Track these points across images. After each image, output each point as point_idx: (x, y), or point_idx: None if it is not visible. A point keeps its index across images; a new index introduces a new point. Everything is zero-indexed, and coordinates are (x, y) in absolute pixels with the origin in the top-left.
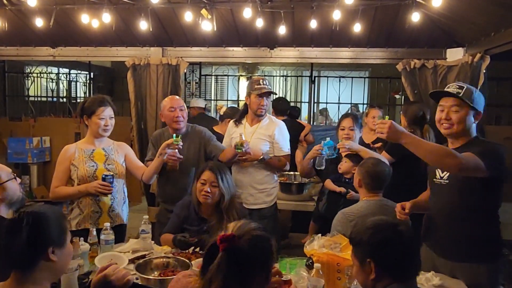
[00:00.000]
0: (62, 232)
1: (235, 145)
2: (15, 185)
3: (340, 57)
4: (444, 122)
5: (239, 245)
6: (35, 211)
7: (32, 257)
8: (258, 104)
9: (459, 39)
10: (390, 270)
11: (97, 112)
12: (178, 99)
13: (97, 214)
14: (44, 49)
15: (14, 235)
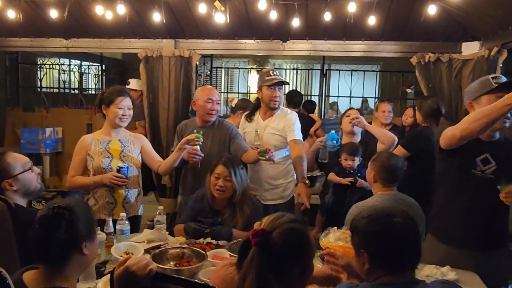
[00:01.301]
0: (92, 226)
1: (259, 152)
2: (31, 176)
3: (353, 50)
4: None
5: (271, 239)
6: (68, 205)
7: (67, 253)
8: (270, 96)
9: (475, 33)
10: (382, 262)
11: (116, 101)
12: (215, 91)
13: (112, 205)
14: (57, 41)
15: (53, 231)
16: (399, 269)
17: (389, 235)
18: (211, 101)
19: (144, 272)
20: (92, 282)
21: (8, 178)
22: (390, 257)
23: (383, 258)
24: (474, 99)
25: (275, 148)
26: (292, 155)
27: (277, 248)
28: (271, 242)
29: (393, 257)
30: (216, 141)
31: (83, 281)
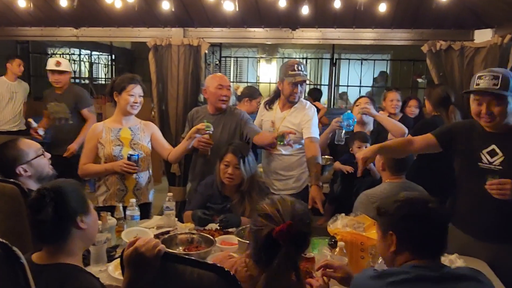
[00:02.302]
0: (84, 200)
1: (277, 137)
2: (44, 161)
3: (363, 38)
4: (484, 117)
5: (298, 230)
6: (54, 186)
7: (64, 229)
8: (291, 91)
9: (488, 20)
10: (411, 246)
11: (128, 88)
12: (226, 78)
13: (123, 192)
14: (67, 30)
15: (40, 212)
16: (426, 255)
17: (421, 220)
18: (221, 87)
19: (153, 252)
20: (103, 265)
21: (22, 163)
22: (419, 241)
23: (412, 242)
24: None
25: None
26: (307, 154)
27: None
28: (298, 231)
29: (422, 241)
30: (227, 128)
31: (95, 264)
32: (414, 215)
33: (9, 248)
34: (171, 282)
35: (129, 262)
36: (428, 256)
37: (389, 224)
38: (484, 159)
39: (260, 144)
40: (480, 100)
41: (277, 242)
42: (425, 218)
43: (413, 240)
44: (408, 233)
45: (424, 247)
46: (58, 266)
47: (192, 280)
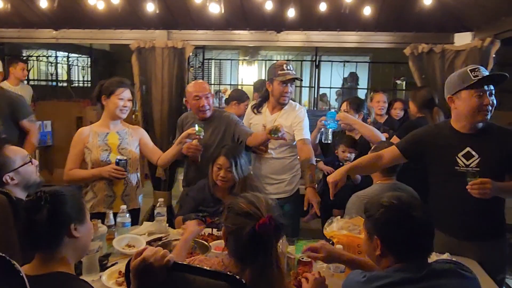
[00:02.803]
0: (80, 209)
1: (270, 130)
2: (31, 169)
3: (346, 41)
4: (485, 109)
5: (277, 221)
6: (52, 190)
7: (56, 235)
8: (281, 91)
9: (468, 23)
10: (394, 251)
11: (117, 92)
12: (203, 85)
13: (111, 198)
14: (46, 32)
15: (35, 214)
16: (410, 258)
17: (405, 226)
18: (198, 98)
19: (162, 263)
20: (96, 275)
21: (9, 171)
22: (402, 247)
23: (396, 247)
24: (454, 93)
25: (280, 144)
26: (301, 156)
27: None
28: (278, 222)
29: (406, 247)
30: (216, 133)
31: (87, 274)
32: (397, 222)
33: (7, 261)
34: None
35: (136, 272)
36: (412, 260)
37: (374, 229)
38: (460, 162)
39: (254, 144)
40: (482, 92)
41: (260, 237)
42: (408, 224)
43: (396, 246)
44: (391, 239)
45: (408, 252)
46: (51, 275)
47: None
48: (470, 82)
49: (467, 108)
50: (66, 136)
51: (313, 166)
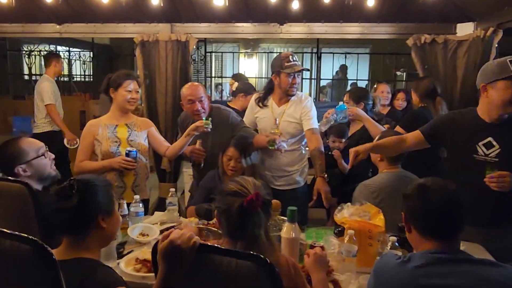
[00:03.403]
0: (110, 200)
1: (268, 141)
2: (45, 162)
3: (348, 32)
4: None
5: (264, 198)
6: (85, 179)
7: (83, 224)
8: (289, 83)
9: (470, 14)
10: (415, 224)
11: (124, 84)
12: (197, 89)
13: (121, 189)
14: (49, 26)
15: (65, 201)
16: (434, 236)
17: (419, 199)
18: (191, 102)
19: (189, 244)
20: (113, 262)
21: (21, 163)
22: (421, 220)
23: (415, 220)
24: (489, 82)
25: (291, 135)
26: (310, 147)
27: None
28: (266, 199)
29: (424, 221)
30: (217, 134)
31: (105, 261)
32: (411, 195)
33: (39, 244)
34: (208, 273)
35: (164, 255)
36: (438, 237)
37: (403, 207)
38: (480, 151)
39: (256, 147)
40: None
41: (249, 212)
42: (421, 197)
43: (415, 219)
44: (410, 212)
45: (429, 228)
46: (79, 260)
47: (230, 270)
48: (510, 74)
49: (501, 98)
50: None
51: (322, 155)
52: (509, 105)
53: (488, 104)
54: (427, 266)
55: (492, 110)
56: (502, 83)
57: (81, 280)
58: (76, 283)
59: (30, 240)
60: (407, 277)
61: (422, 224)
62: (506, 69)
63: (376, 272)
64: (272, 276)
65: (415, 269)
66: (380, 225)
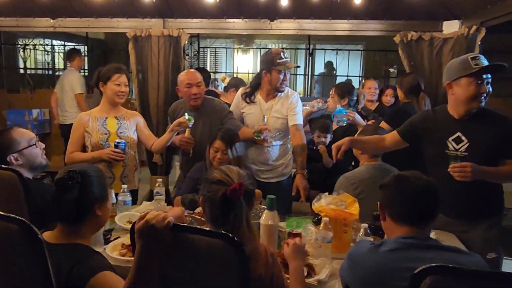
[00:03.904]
0: (104, 188)
1: (254, 132)
2: (36, 151)
3: (338, 29)
4: (481, 96)
5: (247, 187)
6: (81, 169)
7: (81, 213)
8: (280, 80)
9: (456, 11)
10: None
11: (113, 78)
12: (195, 74)
13: (110, 180)
14: (43, 20)
15: (66, 192)
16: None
17: (396, 188)
18: (190, 85)
19: (163, 224)
20: (100, 247)
21: (13, 152)
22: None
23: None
24: (453, 79)
25: (279, 131)
26: (293, 142)
27: (252, 191)
28: (249, 189)
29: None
30: (207, 123)
31: (92, 246)
32: (388, 185)
33: (27, 225)
34: (182, 250)
35: (141, 233)
36: (411, 223)
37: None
38: (451, 146)
39: (242, 138)
40: (480, 81)
41: (231, 201)
42: (398, 186)
43: (391, 206)
44: (387, 202)
45: (403, 214)
46: (74, 245)
47: (200, 247)
48: (471, 71)
49: (465, 95)
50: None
51: (304, 152)
52: (473, 101)
53: (455, 101)
54: (398, 251)
55: (459, 106)
56: (465, 80)
57: (73, 264)
58: (68, 266)
59: (17, 220)
60: (379, 260)
61: (397, 211)
62: (468, 66)
63: (350, 257)
64: (239, 252)
65: (387, 253)
66: (355, 214)
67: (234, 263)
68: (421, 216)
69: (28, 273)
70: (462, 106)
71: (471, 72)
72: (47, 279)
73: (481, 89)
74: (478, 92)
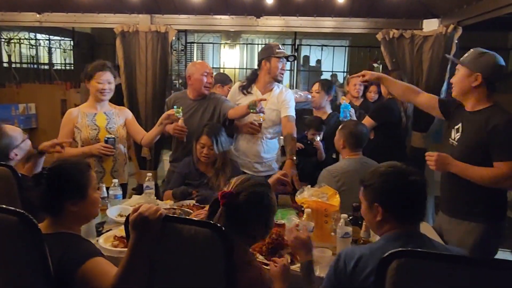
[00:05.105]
0: (77, 186)
1: (249, 105)
2: (28, 143)
3: (323, 26)
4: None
5: (237, 202)
6: (54, 168)
7: (54, 206)
8: (279, 68)
9: (435, 10)
10: (394, 215)
11: (95, 76)
12: (208, 65)
13: (101, 174)
14: (29, 15)
15: (35, 188)
16: (410, 221)
17: (404, 192)
18: (206, 74)
19: (155, 216)
20: (93, 239)
21: (14, 147)
22: (403, 211)
23: (396, 212)
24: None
25: (273, 123)
26: (284, 132)
27: (242, 209)
28: (237, 203)
29: (406, 211)
30: (207, 112)
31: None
32: (397, 189)
33: (25, 216)
34: (172, 239)
35: (134, 225)
36: (410, 223)
37: (374, 197)
38: (452, 135)
39: (235, 117)
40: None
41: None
42: (406, 190)
43: (398, 211)
44: (393, 205)
45: (408, 215)
46: (59, 234)
47: (189, 236)
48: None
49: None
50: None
51: (294, 141)
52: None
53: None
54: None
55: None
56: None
57: (62, 251)
58: (58, 254)
59: (16, 212)
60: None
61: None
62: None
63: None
64: (225, 240)
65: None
66: (335, 205)
67: (220, 251)
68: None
69: (27, 263)
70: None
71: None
72: (46, 268)
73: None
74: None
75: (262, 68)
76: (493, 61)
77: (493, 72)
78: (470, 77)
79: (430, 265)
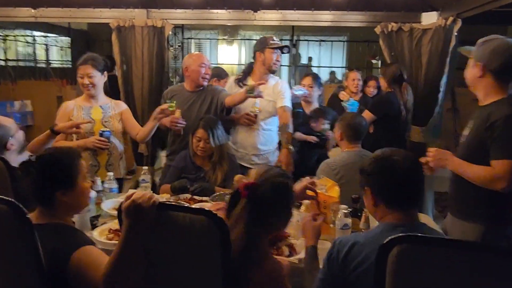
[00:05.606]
0: (65, 176)
1: (247, 90)
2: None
3: (321, 20)
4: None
5: (261, 193)
6: (42, 158)
7: (44, 196)
8: (273, 59)
9: (434, 3)
10: (383, 198)
11: (78, 70)
12: (206, 57)
13: (95, 168)
14: (24, 10)
15: (25, 176)
16: (398, 206)
17: (388, 173)
18: (204, 65)
19: (149, 203)
20: (87, 232)
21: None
22: (389, 194)
23: (383, 194)
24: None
25: (270, 114)
26: (280, 122)
27: (265, 200)
28: (260, 195)
29: (391, 193)
30: (205, 104)
31: None
32: (381, 169)
33: (15, 205)
34: (167, 227)
35: (128, 212)
36: (401, 207)
37: (364, 180)
38: (464, 132)
39: (232, 103)
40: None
41: (240, 196)
42: (390, 170)
43: (382, 192)
44: (378, 186)
45: (395, 199)
46: (52, 225)
47: (185, 223)
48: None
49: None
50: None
51: (290, 130)
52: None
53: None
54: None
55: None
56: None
57: (55, 241)
58: (50, 244)
59: (5, 201)
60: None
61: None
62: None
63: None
64: (221, 227)
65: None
66: (334, 197)
67: (216, 238)
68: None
69: (17, 253)
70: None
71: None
72: (38, 259)
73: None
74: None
75: (257, 60)
76: (492, 48)
77: (494, 60)
78: (474, 68)
79: (433, 251)
